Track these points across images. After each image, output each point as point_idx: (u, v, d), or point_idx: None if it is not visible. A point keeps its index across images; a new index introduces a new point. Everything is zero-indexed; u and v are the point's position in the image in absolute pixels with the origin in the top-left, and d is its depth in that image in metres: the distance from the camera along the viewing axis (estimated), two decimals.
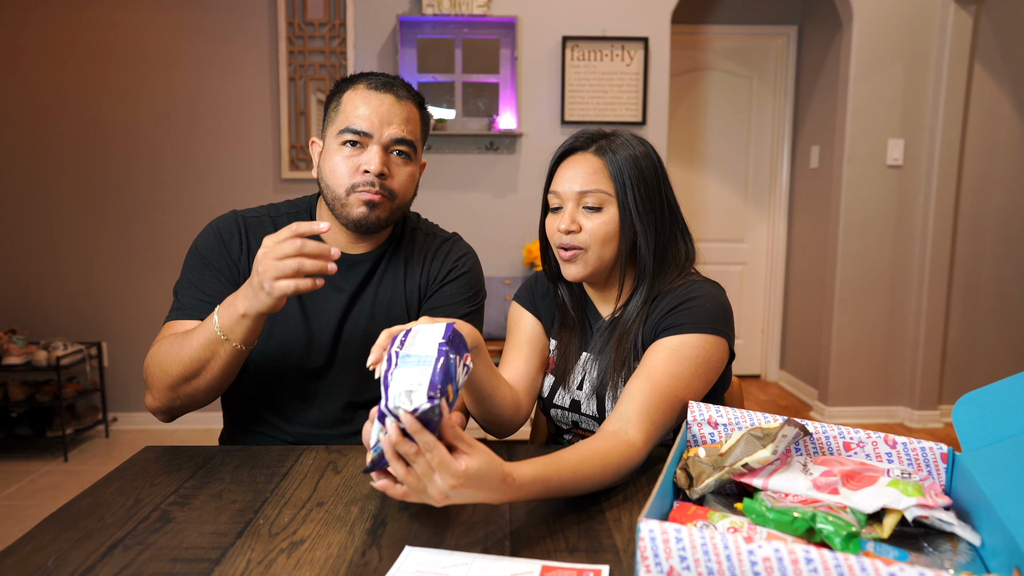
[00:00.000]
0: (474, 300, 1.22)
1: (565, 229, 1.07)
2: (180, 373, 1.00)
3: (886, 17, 3.27)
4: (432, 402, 0.67)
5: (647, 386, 0.96)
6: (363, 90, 1.10)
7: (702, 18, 4.02)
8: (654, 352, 1.01)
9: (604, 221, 1.06)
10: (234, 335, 0.96)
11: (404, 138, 1.11)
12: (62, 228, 3.33)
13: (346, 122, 1.09)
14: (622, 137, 1.10)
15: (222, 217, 1.19)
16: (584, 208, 1.07)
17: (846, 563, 0.53)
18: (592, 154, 1.08)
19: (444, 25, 3.28)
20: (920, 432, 3.37)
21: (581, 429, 1.15)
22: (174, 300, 1.13)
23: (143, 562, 0.71)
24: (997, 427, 0.72)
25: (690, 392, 0.98)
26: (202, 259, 1.14)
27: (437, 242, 1.25)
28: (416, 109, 1.15)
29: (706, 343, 1.01)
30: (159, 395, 1.03)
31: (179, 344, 1.00)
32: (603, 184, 1.06)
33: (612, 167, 1.06)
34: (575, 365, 1.15)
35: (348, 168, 1.09)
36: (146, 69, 3.25)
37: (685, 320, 1.02)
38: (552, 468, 0.80)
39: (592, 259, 1.08)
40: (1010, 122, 3.41)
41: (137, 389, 3.40)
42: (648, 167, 1.08)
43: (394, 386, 0.69)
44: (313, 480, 0.92)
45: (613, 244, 1.08)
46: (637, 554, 0.59)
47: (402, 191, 1.13)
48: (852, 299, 3.44)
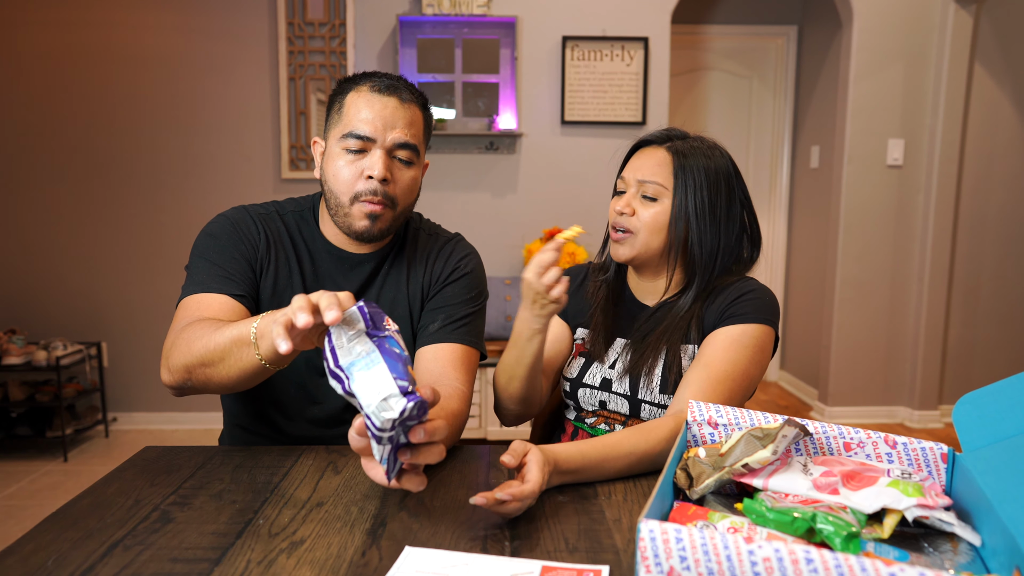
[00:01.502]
0: (476, 300, 1.22)
1: (619, 211, 1.14)
2: (199, 359, 0.95)
3: (886, 17, 3.27)
4: (411, 399, 0.68)
5: (704, 373, 1.03)
6: (367, 92, 1.09)
7: (702, 18, 4.02)
8: (714, 341, 1.07)
9: (657, 212, 1.13)
10: (262, 345, 0.88)
11: (408, 142, 1.09)
12: (62, 228, 3.33)
13: (349, 126, 1.08)
14: (699, 142, 1.16)
15: (231, 209, 1.18)
16: (642, 197, 1.14)
17: (846, 563, 0.53)
18: (663, 149, 1.15)
19: (444, 25, 3.28)
20: (920, 432, 3.37)
21: (607, 411, 1.17)
22: (188, 276, 1.09)
23: (143, 562, 0.71)
24: (997, 427, 0.72)
25: (746, 379, 1.05)
26: (217, 240, 1.11)
27: (440, 242, 1.25)
28: (420, 111, 1.14)
29: (762, 332, 1.08)
30: (175, 372, 0.99)
31: (208, 332, 0.96)
32: (663, 178, 1.12)
33: (676, 165, 1.12)
34: (608, 348, 1.19)
35: (351, 174, 1.08)
36: (146, 69, 3.25)
37: (747, 310, 1.08)
38: (589, 444, 0.90)
39: (639, 244, 1.14)
40: (1010, 122, 3.41)
41: (137, 389, 3.40)
42: (716, 178, 1.13)
43: (366, 401, 0.68)
44: (313, 480, 0.92)
45: (662, 235, 1.13)
46: (637, 554, 0.59)
47: (404, 196, 1.12)
48: (852, 299, 3.44)
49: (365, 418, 0.69)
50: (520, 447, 0.83)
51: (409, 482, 0.75)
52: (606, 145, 3.35)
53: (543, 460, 0.83)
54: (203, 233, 1.14)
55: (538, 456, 0.83)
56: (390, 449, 0.71)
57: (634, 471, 0.93)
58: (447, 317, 1.17)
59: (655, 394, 1.11)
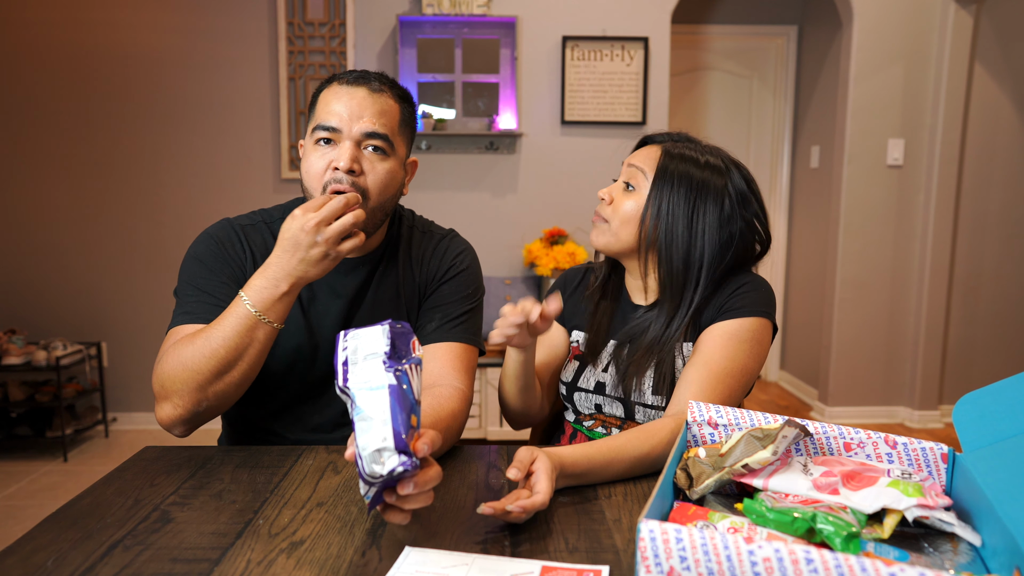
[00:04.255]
0: (473, 297, 1.20)
1: (600, 196, 1.15)
2: (214, 367, 0.94)
3: (886, 17, 3.27)
4: (404, 463, 0.65)
5: (704, 372, 1.02)
6: (336, 87, 1.07)
7: (702, 18, 4.02)
8: (711, 337, 1.06)
9: (629, 202, 1.12)
10: (272, 313, 0.96)
11: (376, 131, 1.04)
12: (62, 228, 3.33)
13: (318, 119, 1.06)
14: (701, 153, 1.12)
15: (216, 225, 1.15)
16: (624, 185, 1.14)
17: (846, 563, 0.53)
18: (659, 146, 1.15)
19: (444, 25, 3.28)
20: (920, 432, 3.37)
21: (603, 414, 1.16)
22: (177, 305, 1.08)
23: (143, 562, 0.71)
24: (997, 427, 0.72)
25: (744, 374, 1.04)
26: (204, 264, 1.10)
27: (435, 240, 1.23)
28: (395, 102, 1.09)
29: (760, 325, 1.07)
30: (184, 400, 0.96)
31: (204, 339, 0.95)
32: (648, 168, 1.12)
33: (663, 162, 1.11)
34: (602, 350, 1.18)
35: (321, 166, 1.05)
36: (146, 69, 3.25)
37: (743, 303, 1.07)
38: (594, 447, 0.90)
39: (610, 232, 1.14)
40: (1010, 122, 3.41)
41: (137, 389, 3.40)
42: (701, 190, 1.09)
43: (361, 444, 0.66)
44: (313, 480, 0.92)
45: (630, 227, 1.12)
46: (637, 554, 0.59)
47: (377, 189, 1.06)
48: (852, 299, 3.44)
49: (356, 456, 0.67)
50: (526, 456, 0.82)
51: (394, 516, 0.72)
52: (606, 145, 3.35)
53: (551, 467, 0.82)
54: (189, 256, 1.11)
55: (546, 463, 0.82)
56: (376, 490, 0.70)
57: (637, 473, 0.93)
58: (444, 316, 1.16)
59: (647, 396, 1.10)
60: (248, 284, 0.96)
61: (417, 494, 0.70)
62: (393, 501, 0.70)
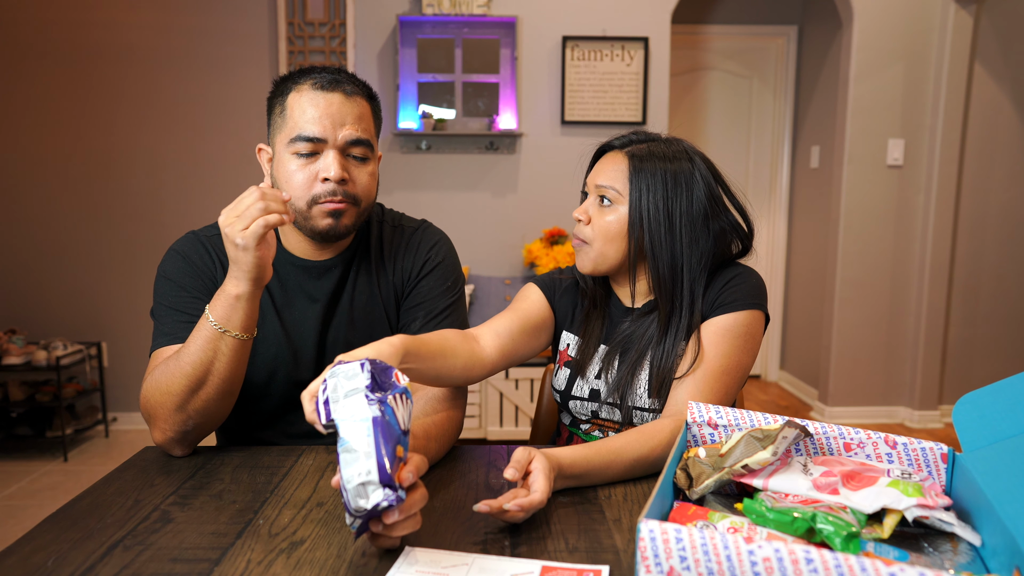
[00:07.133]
0: (454, 289, 1.17)
1: (576, 217, 1.11)
2: (185, 385, 0.95)
3: (886, 17, 3.27)
4: (388, 498, 0.65)
5: (699, 370, 1.02)
6: (308, 90, 1.02)
7: (702, 18, 4.02)
8: (704, 333, 1.06)
9: (610, 219, 1.08)
10: (232, 324, 0.94)
11: (360, 138, 1.03)
12: (62, 228, 3.33)
13: (296, 128, 1.01)
14: (662, 145, 1.09)
15: (180, 240, 1.15)
16: (600, 201, 1.10)
17: (846, 563, 0.53)
18: (622, 153, 1.10)
19: (444, 25, 3.28)
20: (920, 432, 3.37)
21: (600, 419, 1.15)
22: (156, 328, 1.07)
23: (143, 562, 0.71)
24: (997, 427, 0.72)
25: (740, 369, 1.04)
26: (174, 283, 1.09)
27: (407, 234, 1.19)
28: (367, 103, 1.07)
29: (752, 318, 1.06)
30: (168, 423, 0.97)
31: (175, 360, 0.96)
32: (620, 184, 1.07)
33: (632, 170, 1.07)
34: (593, 356, 1.16)
35: (305, 178, 1.02)
36: (146, 68, 3.25)
37: (734, 297, 1.06)
38: (593, 449, 0.90)
39: (594, 254, 1.10)
40: (1010, 122, 3.41)
41: (137, 389, 3.38)
42: (676, 181, 1.06)
43: (346, 475, 0.66)
44: (313, 480, 0.92)
45: (617, 244, 1.09)
46: (637, 554, 0.59)
47: (365, 194, 1.06)
48: (852, 299, 3.44)
49: (341, 487, 0.67)
50: (523, 456, 0.82)
51: (382, 543, 0.72)
52: None
53: (548, 467, 0.82)
54: (159, 275, 1.11)
55: (543, 463, 0.82)
56: (362, 521, 0.70)
57: (636, 474, 0.93)
58: (427, 313, 1.14)
59: (643, 399, 1.09)
60: (214, 297, 0.96)
61: (404, 520, 0.70)
62: (380, 531, 0.70)
